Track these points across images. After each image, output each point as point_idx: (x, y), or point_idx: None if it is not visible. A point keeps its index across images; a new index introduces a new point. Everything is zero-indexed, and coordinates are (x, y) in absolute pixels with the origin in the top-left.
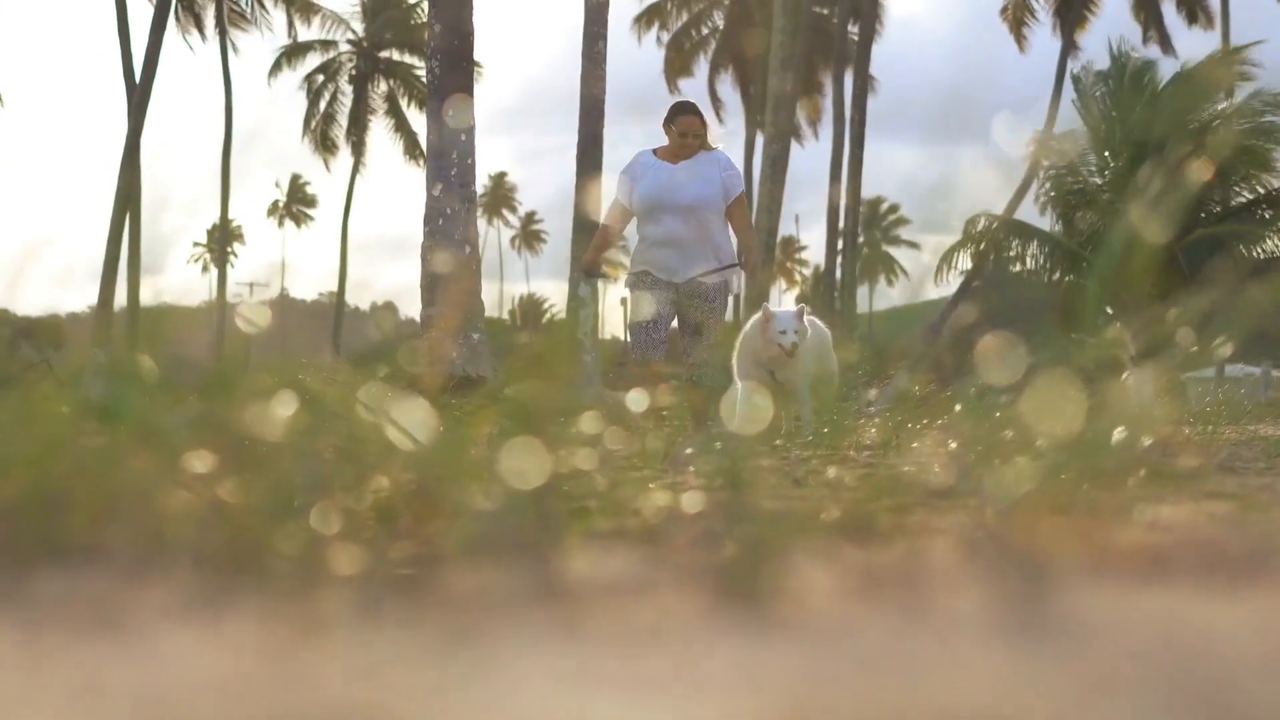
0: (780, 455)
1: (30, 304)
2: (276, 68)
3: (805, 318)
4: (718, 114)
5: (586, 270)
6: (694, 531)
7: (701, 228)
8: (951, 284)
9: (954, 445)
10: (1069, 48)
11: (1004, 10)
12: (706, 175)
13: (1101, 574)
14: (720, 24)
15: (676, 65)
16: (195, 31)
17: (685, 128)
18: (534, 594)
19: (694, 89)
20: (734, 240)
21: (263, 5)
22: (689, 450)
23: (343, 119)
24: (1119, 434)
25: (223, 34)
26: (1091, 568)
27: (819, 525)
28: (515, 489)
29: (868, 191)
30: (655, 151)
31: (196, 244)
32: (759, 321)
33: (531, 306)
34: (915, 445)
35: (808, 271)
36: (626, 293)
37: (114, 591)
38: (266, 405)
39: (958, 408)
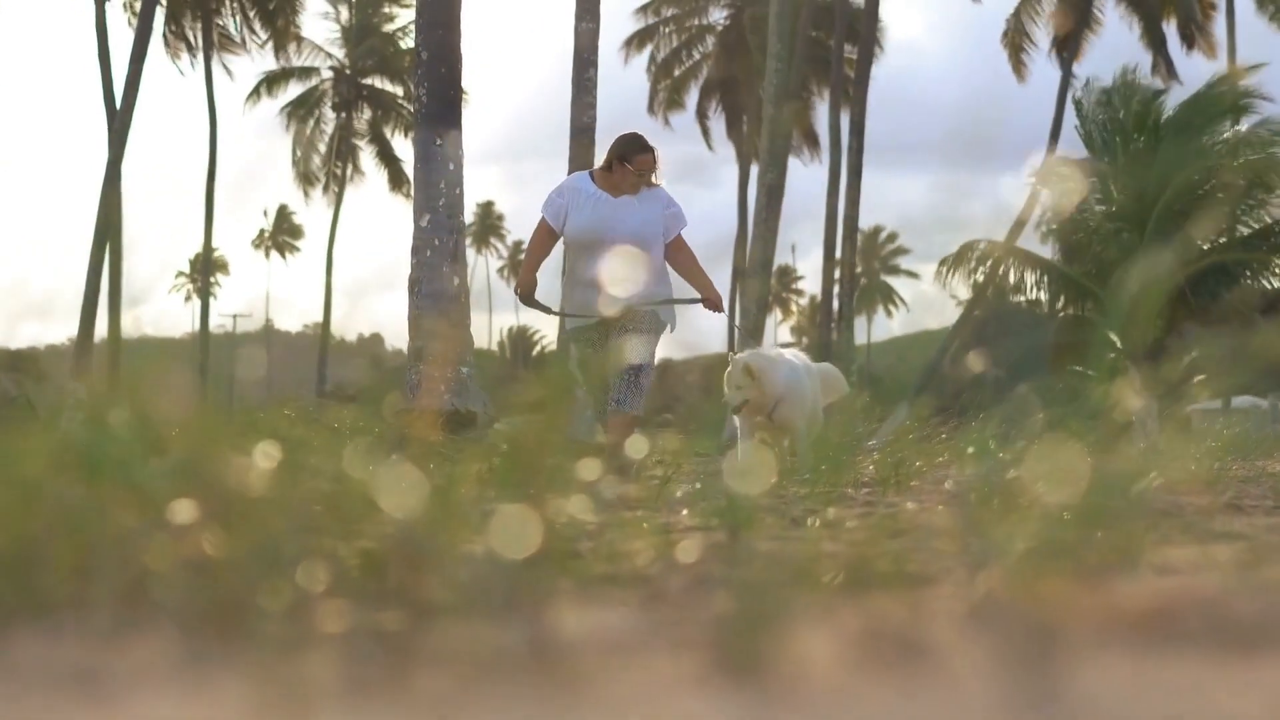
0: (777, 493)
1: (9, 336)
2: (255, 95)
3: (791, 355)
4: (708, 141)
5: (524, 295)
6: (690, 580)
7: (638, 264)
8: (952, 315)
9: (951, 485)
10: (1068, 75)
11: (1004, 36)
12: (649, 213)
13: (1108, 637)
14: (711, 49)
15: (666, 91)
16: (185, 55)
17: (643, 167)
18: (525, 655)
19: (684, 116)
20: (672, 282)
21: (252, 29)
22: (682, 492)
23: (325, 148)
24: (1126, 478)
25: (208, 59)
26: (1098, 629)
27: (817, 575)
28: (506, 541)
29: (866, 220)
30: (593, 176)
31: (180, 274)
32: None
33: (521, 338)
34: (915, 483)
35: (805, 302)
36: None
37: (94, 652)
38: (250, 454)
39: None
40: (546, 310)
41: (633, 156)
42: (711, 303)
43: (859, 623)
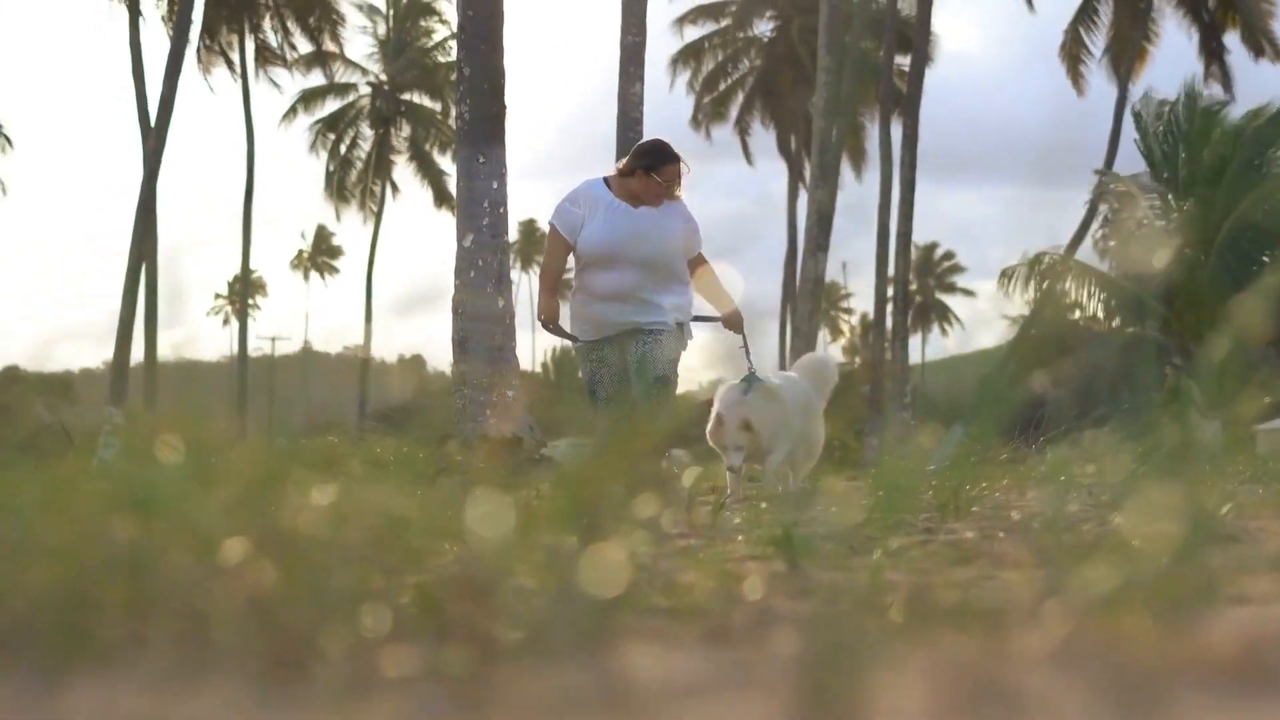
0: (833, 519)
1: (43, 360)
2: (291, 112)
3: (779, 378)
4: (747, 156)
5: (547, 326)
6: (754, 615)
7: (659, 282)
8: (1008, 333)
9: (1019, 513)
10: (1126, 87)
11: (1062, 48)
12: (670, 227)
13: (1198, 678)
14: (758, 62)
15: (710, 106)
16: (223, 68)
17: (670, 178)
18: (595, 698)
19: (728, 131)
20: (693, 300)
21: (292, 45)
22: (737, 520)
23: (363, 166)
24: (1203, 506)
25: (245, 76)
26: (1185, 669)
27: (885, 610)
28: (571, 579)
29: (920, 236)
30: (608, 183)
31: (218, 295)
32: (720, 399)
33: (566, 360)
34: (975, 509)
35: (855, 320)
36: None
37: (152, 699)
38: (303, 488)
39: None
40: (572, 338)
41: (660, 167)
42: (731, 322)
43: (936, 662)
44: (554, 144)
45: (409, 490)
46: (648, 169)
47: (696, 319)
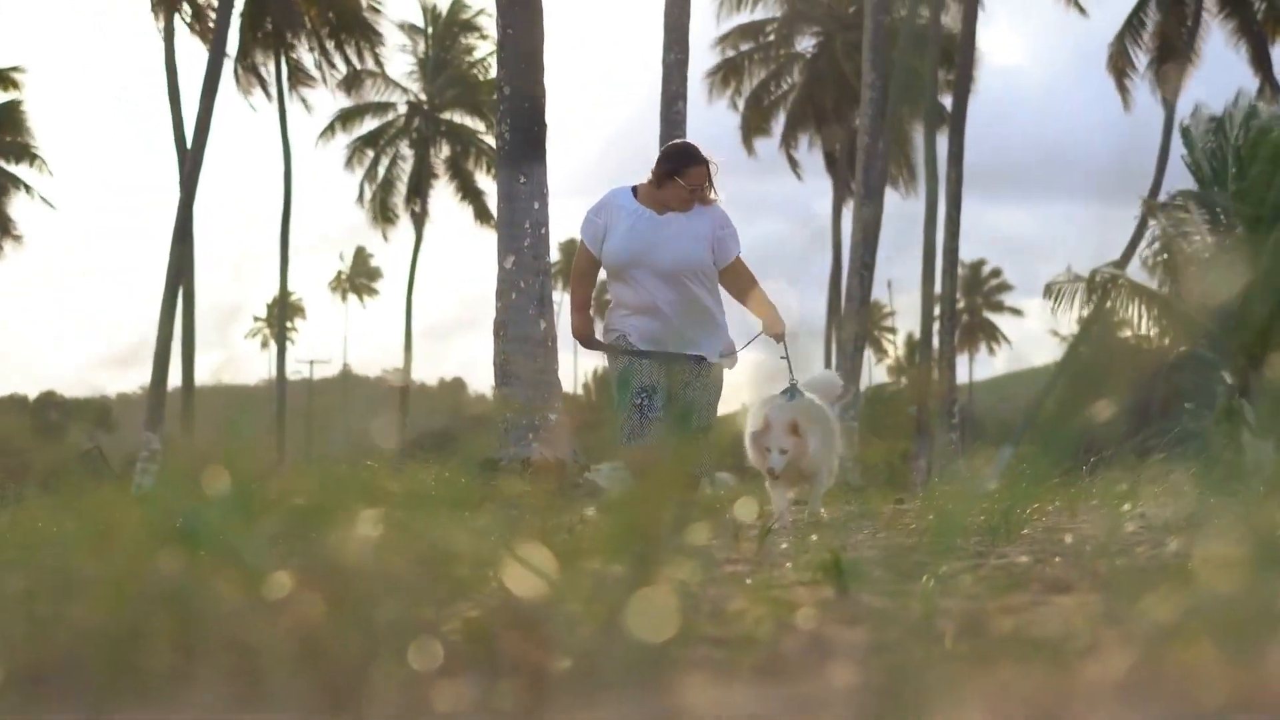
0: (881, 543)
1: (79, 385)
2: (329, 132)
3: (800, 395)
4: (795, 172)
5: (582, 341)
6: (807, 644)
7: (687, 296)
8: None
9: (1072, 538)
10: (1173, 101)
11: (1109, 61)
12: (696, 232)
13: (1268, 713)
14: (801, 78)
15: (754, 124)
16: (258, 91)
17: (695, 181)
18: None
19: (772, 148)
20: (725, 312)
21: (331, 64)
22: (784, 544)
23: (403, 186)
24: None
25: (281, 96)
26: (1252, 704)
27: (941, 639)
28: (621, 609)
29: (968, 253)
30: (635, 192)
31: (256, 318)
32: (763, 408)
33: (609, 382)
34: (1025, 532)
35: (901, 339)
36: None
37: None
38: (349, 519)
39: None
40: (614, 349)
41: (685, 170)
42: (773, 331)
43: (997, 694)
44: (596, 163)
45: (455, 519)
46: (672, 173)
47: (739, 349)
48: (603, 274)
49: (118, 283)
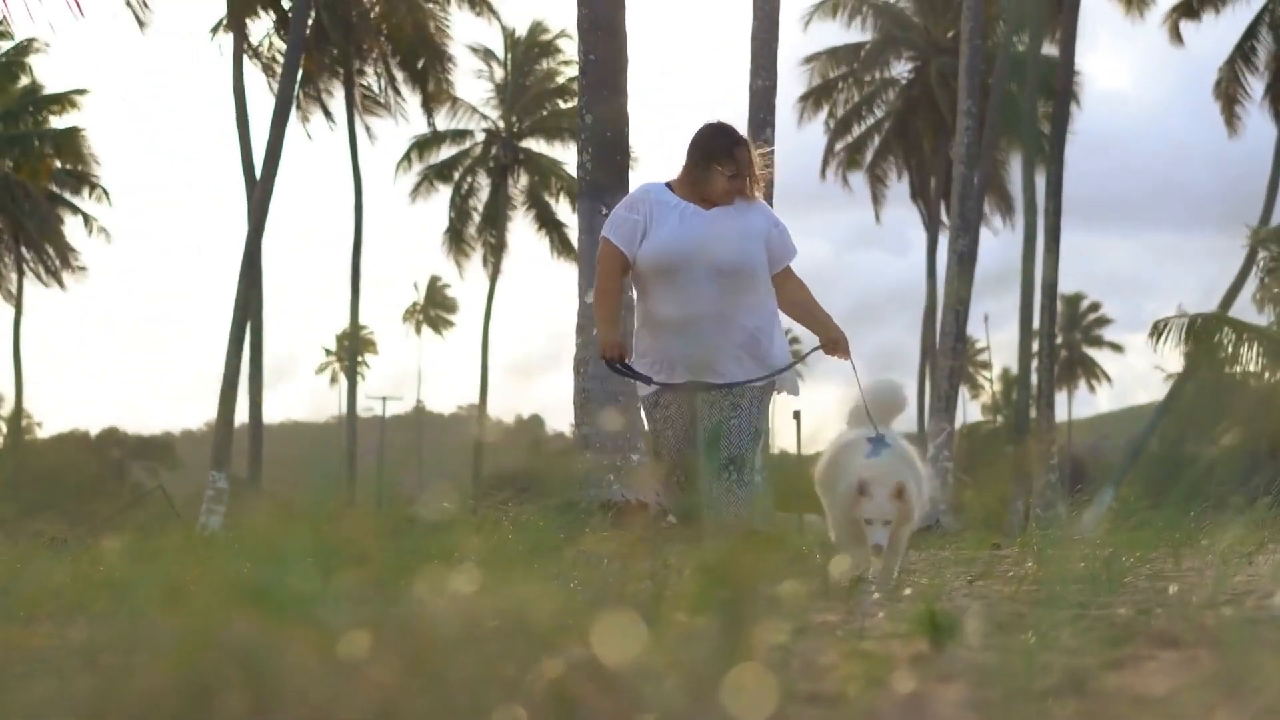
0: (976, 592)
1: (144, 422)
2: (405, 161)
3: (907, 457)
4: (875, 206)
5: (611, 360)
6: (904, 705)
7: (740, 302)
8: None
9: (1175, 589)
10: None
11: (1216, 86)
12: (750, 227)
13: None
14: (895, 104)
15: (845, 152)
16: (320, 115)
17: (740, 165)
18: None
19: (862, 177)
20: (780, 325)
21: (397, 90)
22: (875, 595)
23: (478, 216)
24: None
25: (351, 123)
26: None
27: (1039, 695)
28: (710, 667)
29: (1067, 286)
30: (671, 187)
31: (328, 352)
32: (844, 460)
33: None
34: (1128, 579)
35: (993, 374)
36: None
37: None
38: (428, 576)
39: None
40: (644, 379)
41: (724, 154)
42: (834, 343)
43: None
44: None
45: (535, 569)
46: (709, 157)
47: (793, 363)
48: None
49: (183, 315)
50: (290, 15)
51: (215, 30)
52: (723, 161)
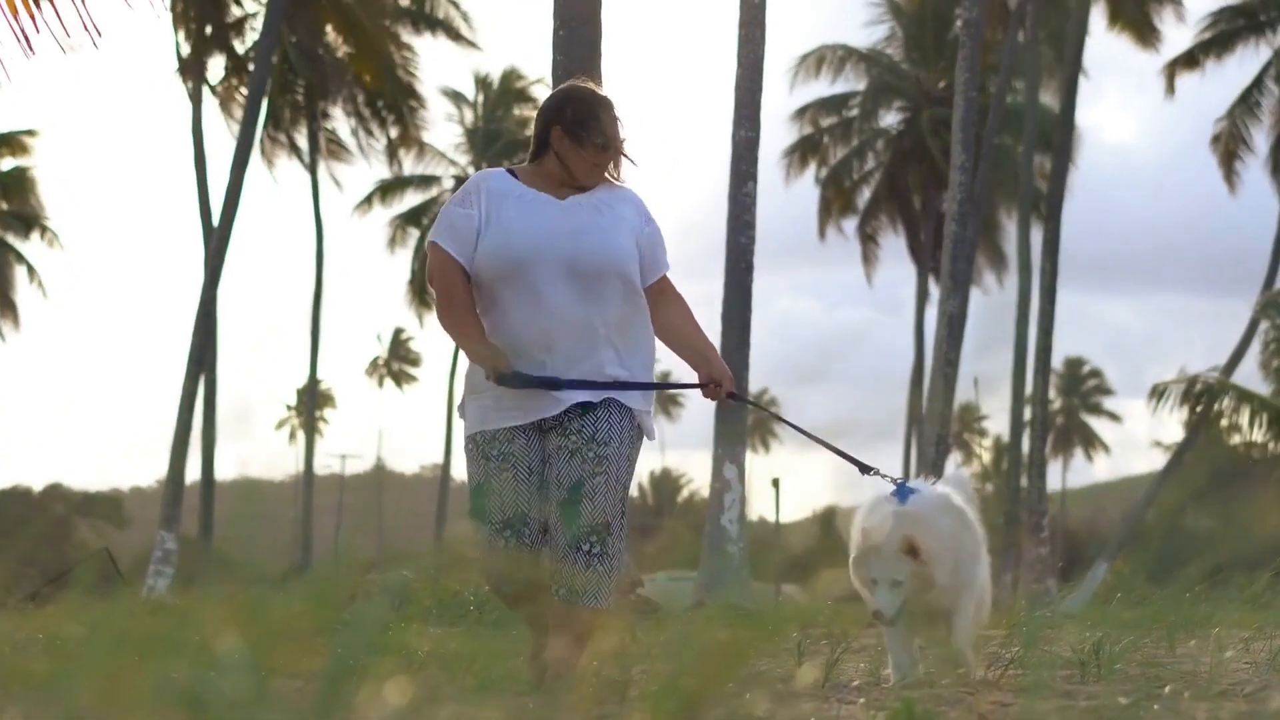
0: (958, 680)
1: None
2: (366, 203)
3: (943, 489)
4: (865, 262)
5: (502, 373)
6: None
7: (607, 311)
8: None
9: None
10: None
11: (1213, 140)
12: (619, 217)
13: None
14: (885, 156)
15: (834, 206)
16: (284, 159)
17: (608, 138)
18: None
19: (851, 232)
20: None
21: (370, 132)
22: (855, 682)
23: None
24: None
25: (313, 169)
26: None
27: None
28: None
29: (1065, 349)
30: (515, 174)
31: (288, 407)
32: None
33: (667, 484)
34: (1119, 666)
35: (988, 442)
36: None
37: None
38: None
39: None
40: (544, 384)
41: (587, 124)
42: (716, 385)
43: None
44: None
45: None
46: (569, 131)
47: (663, 387)
48: None
49: (134, 367)
50: (254, 53)
51: (182, 72)
52: (584, 132)
